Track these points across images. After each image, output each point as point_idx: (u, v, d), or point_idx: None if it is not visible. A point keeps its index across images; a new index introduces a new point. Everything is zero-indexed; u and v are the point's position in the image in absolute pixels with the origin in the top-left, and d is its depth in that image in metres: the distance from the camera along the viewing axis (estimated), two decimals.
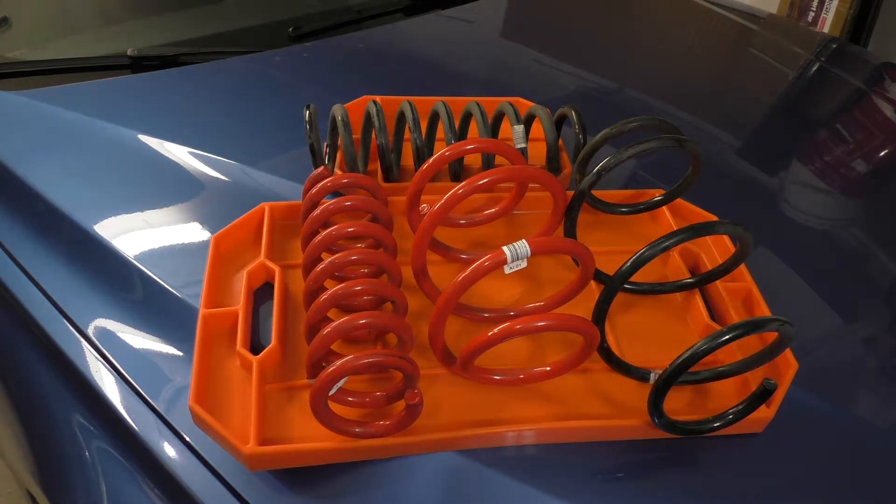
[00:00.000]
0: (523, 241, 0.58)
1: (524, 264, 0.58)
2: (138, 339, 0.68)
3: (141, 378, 0.64)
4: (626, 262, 0.59)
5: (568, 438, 0.59)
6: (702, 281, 0.70)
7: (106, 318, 0.70)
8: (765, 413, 0.59)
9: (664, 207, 0.79)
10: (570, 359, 0.61)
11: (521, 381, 0.62)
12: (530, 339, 0.67)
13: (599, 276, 0.71)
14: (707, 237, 0.77)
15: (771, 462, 0.60)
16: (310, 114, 0.80)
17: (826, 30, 2.31)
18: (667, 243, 0.58)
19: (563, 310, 0.67)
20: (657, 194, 0.80)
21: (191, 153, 0.86)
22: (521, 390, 0.62)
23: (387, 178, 0.82)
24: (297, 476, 0.56)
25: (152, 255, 0.73)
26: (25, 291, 0.74)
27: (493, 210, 0.77)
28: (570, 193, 0.71)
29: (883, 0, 2.26)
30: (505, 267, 0.58)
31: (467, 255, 0.73)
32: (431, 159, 0.68)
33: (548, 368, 0.62)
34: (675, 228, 0.61)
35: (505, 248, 0.57)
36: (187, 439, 0.59)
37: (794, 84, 1.24)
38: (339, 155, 0.82)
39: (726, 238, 0.75)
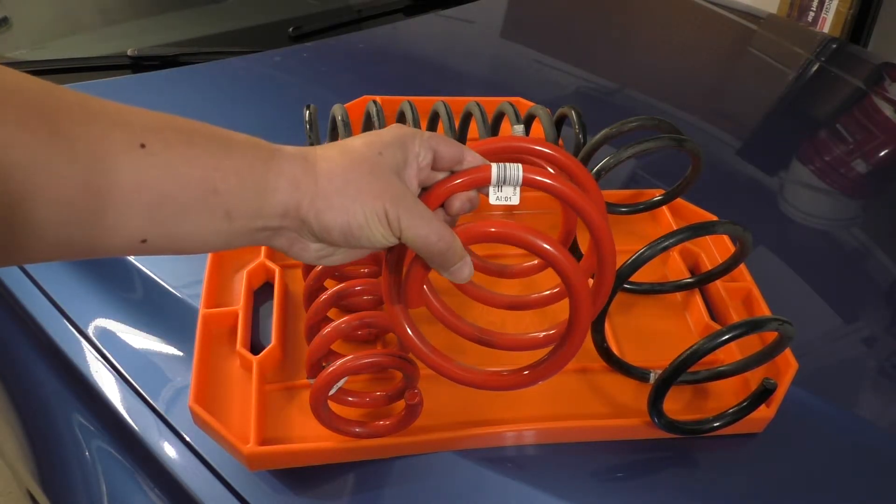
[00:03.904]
0: (518, 164, 0.46)
1: (514, 199, 0.47)
2: (138, 339, 0.68)
3: (141, 378, 0.64)
4: (626, 261, 0.59)
5: (568, 438, 0.59)
6: (702, 281, 0.70)
7: (106, 318, 0.70)
8: (765, 413, 0.59)
9: (664, 207, 0.79)
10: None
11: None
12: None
13: None
14: (707, 237, 0.77)
15: (771, 462, 0.60)
16: (310, 114, 0.80)
17: (826, 30, 2.31)
18: (666, 243, 0.58)
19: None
20: (657, 194, 0.80)
21: None
22: (522, 391, 0.62)
23: None
24: (297, 476, 0.56)
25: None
26: (25, 291, 0.74)
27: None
28: None
29: (883, 0, 2.26)
30: (490, 190, 0.47)
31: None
32: None
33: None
34: (675, 228, 0.61)
35: (494, 165, 0.46)
36: (187, 439, 0.59)
37: (794, 84, 1.24)
38: None
39: (726, 238, 0.75)
